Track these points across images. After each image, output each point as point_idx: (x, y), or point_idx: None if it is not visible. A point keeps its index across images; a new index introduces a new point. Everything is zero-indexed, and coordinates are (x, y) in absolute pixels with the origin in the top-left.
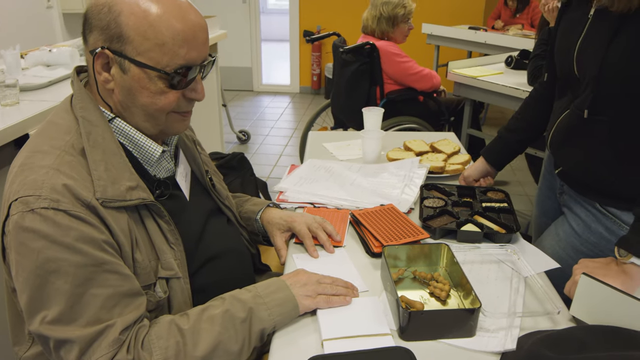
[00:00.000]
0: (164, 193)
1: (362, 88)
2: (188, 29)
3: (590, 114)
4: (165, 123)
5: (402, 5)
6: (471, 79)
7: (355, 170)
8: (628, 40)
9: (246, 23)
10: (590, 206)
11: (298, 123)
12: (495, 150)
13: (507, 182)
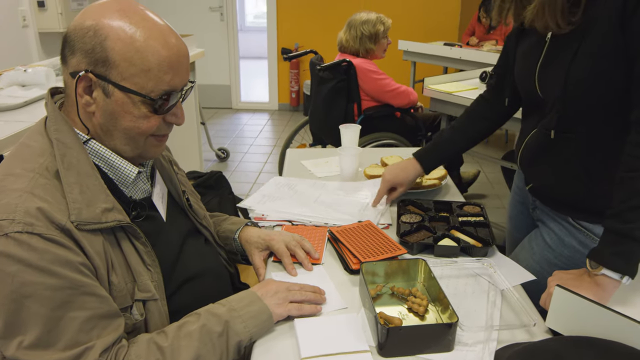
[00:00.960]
0: (140, 214)
1: (339, 105)
2: (173, 55)
3: (557, 133)
4: (144, 147)
5: (381, 22)
6: (447, 95)
7: (319, 187)
8: (586, 60)
9: (224, 41)
10: (563, 220)
11: (277, 140)
12: (429, 154)
13: (484, 195)
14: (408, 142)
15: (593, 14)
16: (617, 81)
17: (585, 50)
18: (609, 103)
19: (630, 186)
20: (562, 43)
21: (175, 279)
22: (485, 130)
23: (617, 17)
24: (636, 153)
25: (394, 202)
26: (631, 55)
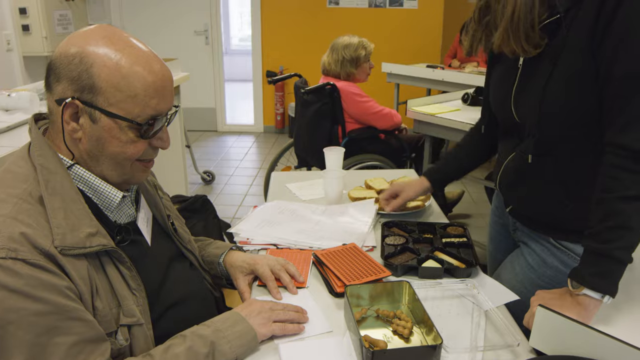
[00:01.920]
0: (125, 239)
1: (324, 127)
2: (158, 80)
3: (535, 156)
4: (130, 171)
5: (363, 47)
6: (430, 116)
7: (319, 213)
8: (559, 85)
9: (209, 64)
10: (544, 241)
11: (262, 162)
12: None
13: (469, 214)
14: (392, 164)
15: (563, 39)
16: (590, 105)
17: (557, 76)
18: (583, 126)
19: (607, 206)
20: (535, 69)
21: (160, 304)
22: (489, 149)
23: (586, 42)
24: (611, 174)
25: (378, 224)
26: (601, 79)
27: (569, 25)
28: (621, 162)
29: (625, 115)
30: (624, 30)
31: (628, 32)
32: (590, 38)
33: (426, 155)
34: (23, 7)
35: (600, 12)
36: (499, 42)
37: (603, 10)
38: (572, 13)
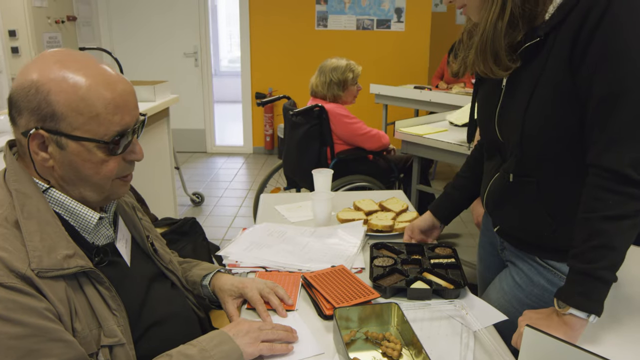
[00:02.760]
0: (104, 260)
1: (312, 149)
2: (118, 95)
3: (516, 176)
4: (110, 189)
5: (350, 70)
6: (418, 137)
7: (308, 235)
8: (540, 106)
9: (199, 86)
10: (530, 260)
11: (252, 183)
12: (443, 205)
13: (458, 234)
14: (381, 184)
15: (544, 61)
16: (572, 126)
17: (539, 97)
18: (565, 146)
19: (591, 226)
20: (517, 90)
21: (141, 324)
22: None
23: (566, 65)
24: (594, 194)
25: (367, 245)
26: (582, 100)
27: (549, 48)
28: (603, 183)
29: (605, 137)
30: (602, 53)
31: (606, 55)
32: (569, 60)
33: (414, 176)
34: (12, 29)
35: (578, 36)
36: (471, 62)
37: (581, 34)
38: (552, 37)
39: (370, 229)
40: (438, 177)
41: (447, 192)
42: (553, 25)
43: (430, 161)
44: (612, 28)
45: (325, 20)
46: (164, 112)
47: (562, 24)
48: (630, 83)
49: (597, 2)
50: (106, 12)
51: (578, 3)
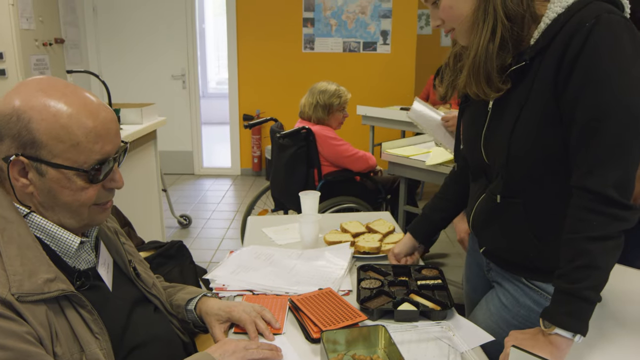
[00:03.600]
0: (85, 284)
1: (300, 171)
2: (99, 124)
3: (503, 197)
4: (88, 216)
5: (338, 95)
6: (404, 158)
7: (295, 258)
8: (526, 129)
9: (186, 107)
10: (516, 281)
11: (240, 205)
12: (421, 227)
13: (446, 254)
14: (369, 206)
15: (529, 85)
16: (557, 148)
17: (524, 120)
18: (550, 169)
19: (575, 247)
20: (503, 112)
21: (124, 347)
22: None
23: (551, 89)
24: (578, 215)
25: (354, 267)
26: (565, 124)
27: (535, 72)
28: (587, 204)
29: (589, 160)
30: (583, 80)
31: (587, 82)
32: (553, 85)
33: (402, 197)
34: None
35: (562, 62)
36: (463, 84)
37: (564, 61)
38: (538, 61)
39: (357, 251)
40: (425, 197)
41: (424, 213)
42: (538, 50)
43: (418, 182)
44: (592, 57)
45: (312, 42)
46: (151, 134)
47: (546, 49)
48: (610, 109)
49: (579, 30)
50: (94, 35)
51: (561, 29)
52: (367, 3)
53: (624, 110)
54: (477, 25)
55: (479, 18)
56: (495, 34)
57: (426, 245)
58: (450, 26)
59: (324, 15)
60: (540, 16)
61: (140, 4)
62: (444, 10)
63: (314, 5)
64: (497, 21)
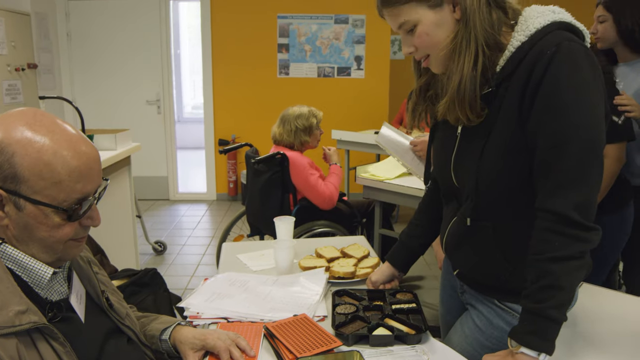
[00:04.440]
0: (57, 315)
1: (275, 196)
2: (83, 164)
3: (474, 220)
4: (62, 251)
5: (313, 115)
6: (379, 182)
7: (270, 284)
8: (494, 153)
9: (161, 132)
10: (489, 302)
11: (216, 230)
12: (399, 255)
13: (422, 276)
14: (344, 230)
15: (496, 110)
16: (524, 172)
17: (492, 144)
18: (518, 192)
19: (539, 267)
20: (472, 137)
21: None
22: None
23: (516, 114)
24: (541, 236)
25: (329, 292)
26: (530, 148)
27: (501, 97)
28: (550, 226)
29: (551, 183)
30: (544, 108)
31: (548, 109)
32: (518, 112)
33: (377, 220)
34: None
35: (526, 89)
36: (444, 110)
37: (528, 88)
38: (503, 88)
39: (332, 276)
40: (401, 220)
41: (402, 241)
42: (504, 76)
43: (393, 205)
44: (552, 85)
45: (287, 68)
46: (125, 160)
47: (511, 76)
48: (570, 135)
49: (540, 59)
50: (68, 60)
51: (525, 57)
52: (340, 29)
53: (584, 135)
54: (457, 52)
55: (461, 46)
56: (477, 62)
57: (407, 271)
58: (425, 53)
59: (299, 41)
60: (505, 44)
61: (115, 30)
62: (420, 37)
63: (288, 31)
64: (478, 48)
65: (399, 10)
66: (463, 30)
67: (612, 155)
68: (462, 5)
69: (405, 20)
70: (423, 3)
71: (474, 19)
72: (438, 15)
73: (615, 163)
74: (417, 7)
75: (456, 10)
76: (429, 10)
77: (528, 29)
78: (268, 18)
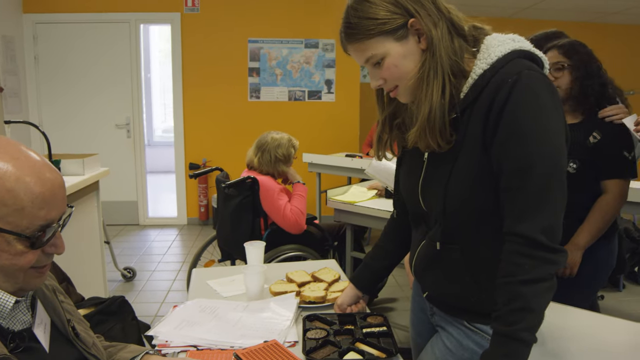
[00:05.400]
0: (19, 345)
1: (246, 220)
2: (47, 190)
3: (442, 244)
4: (24, 280)
5: (292, 145)
6: (350, 205)
7: (241, 310)
8: (460, 178)
9: (131, 156)
10: (459, 324)
11: (186, 256)
12: (363, 277)
13: (395, 298)
14: (316, 253)
15: (461, 136)
16: (490, 197)
17: (458, 170)
18: (485, 215)
19: (509, 290)
20: (438, 163)
21: None
22: (405, 241)
23: (480, 140)
24: (511, 259)
25: (300, 317)
26: (495, 173)
27: (466, 123)
28: (519, 249)
29: (518, 207)
30: (507, 135)
31: (510, 136)
32: (482, 138)
33: (348, 243)
34: None
35: (488, 116)
36: (415, 138)
37: (491, 115)
38: (467, 114)
39: (302, 300)
40: (373, 242)
41: (366, 262)
42: (468, 103)
43: (365, 227)
44: (515, 111)
45: (258, 92)
46: (93, 185)
47: (474, 103)
48: (533, 160)
49: (501, 87)
50: (35, 83)
51: (487, 85)
52: (311, 53)
53: (546, 160)
54: (425, 81)
55: (429, 75)
56: (445, 89)
57: (372, 293)
58: (394, 84)
59: (269, 65)
60: (468, 71)
61: (85, 53)
62: (389, 69)
63: (259, 55)
64: (445, 77)
65: (365, 45)
66: (430, 60)
67: (615, 191)
68: (428, 36)
69: (373, 54)
70: (389, 36)
71: (439, 48)
72: (404, 47)
73: (618, 199)
74: (384, 40)
75: (421, 41)
76: (396, 43)
77: (490, 57)
78: (239, 42)
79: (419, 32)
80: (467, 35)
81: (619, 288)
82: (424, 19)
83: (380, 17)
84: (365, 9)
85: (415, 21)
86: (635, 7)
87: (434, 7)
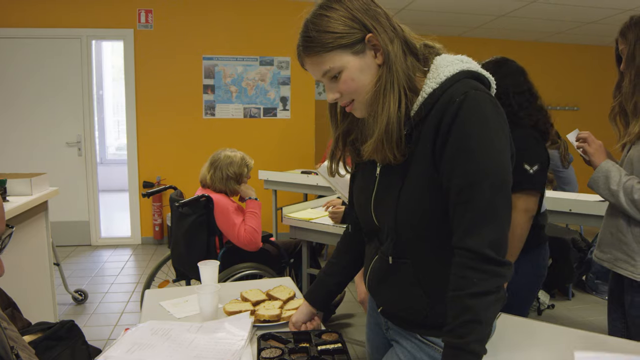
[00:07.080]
0: None
1: (200, 240)
2: None
3: (394, 258)
4: None
5: (245, 164)
6: (305, 222)
7: (194, 331)
8: (410, 193)
9: (82, 175)
10: (412, 337)
11: (140, 276)
12: (317, 293)
13: (352, 314)
14: (272, 271)
15: (412, 152)
16: (440, 211)
17: (409, 185)
18: (435, 230)
19: (459, 303)
20: (390, 178)
21: None
22: (359, 257)
23: (430, 156)
24: (460, 273)
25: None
26: (444, 188)
27: (416, 139)
28: (467, 263)
29: (465, 222)
30: (455, 151)
31: (458, 152)
32: (431, 154)
33: (304, 260)
34: None
35: (437, 133)
36: (371, 150)
37: (439, 132)
38: (417, 131)
39: (257, 319)
40: None
41: (319, 279)
42: (418, 119)
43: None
44: (462, 130)
45: (212, 109)
46: (41, 205)
47: (425, 119)
48: (479, 176)
49: (449, 105)
50: None
51: (437, 102)
52: (266, 71)
53: (492, 176)
54: (382, 94)
55: (386, 88)
56: (400, 103)
57: (326, 310)
58: (350, 98)
59: (224, 82)
60: (419, 89)
61: (33, 69)
62: (346, 82)
63: (214, 72)
64: (400, 91)
65: (323, 58)
66: (387, 74)
67: (517, 205)
68: (385, 50)
69: (331, 67)
70: (347, 50)
71: (395, 63)
72: (362, 61)
73: (520, 213)
74: (342, 54)
75: (377, 56)
76: (353, 57)
77: (439, 76)
78: (193, 59)
79: (376, 47)
80: (419, 54)
81: (568, 297)
82: (380, 34)
83: (339, 31)
84: (324, 23)
85: (372, 36)
86: (575, 28)
87: (389, 25)
